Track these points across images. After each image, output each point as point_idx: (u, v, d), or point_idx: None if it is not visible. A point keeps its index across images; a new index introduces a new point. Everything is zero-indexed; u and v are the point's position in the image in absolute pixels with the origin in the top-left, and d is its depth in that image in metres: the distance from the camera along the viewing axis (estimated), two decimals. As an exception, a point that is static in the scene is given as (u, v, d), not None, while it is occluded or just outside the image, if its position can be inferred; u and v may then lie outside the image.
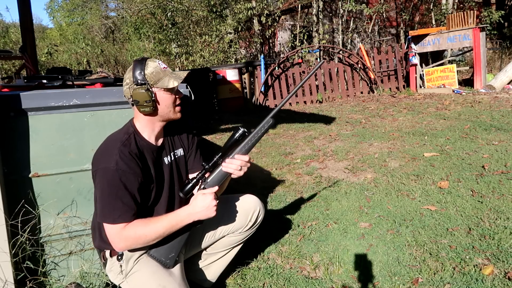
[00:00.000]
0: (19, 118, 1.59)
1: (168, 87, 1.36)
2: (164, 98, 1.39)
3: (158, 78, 1.35)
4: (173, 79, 1.36)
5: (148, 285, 1.36)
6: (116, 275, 1.43)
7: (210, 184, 1.40)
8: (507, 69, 6.80)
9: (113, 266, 1.44)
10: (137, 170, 1.32)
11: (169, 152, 1.51)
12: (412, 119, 5.10)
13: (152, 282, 1.35)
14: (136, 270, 1.39)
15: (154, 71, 1.36)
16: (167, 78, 1.36)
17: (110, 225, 1.30)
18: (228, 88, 7.61)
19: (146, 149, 1.41)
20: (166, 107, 1.40)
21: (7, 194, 1.56)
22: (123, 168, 1.29)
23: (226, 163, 1.38)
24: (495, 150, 3.33)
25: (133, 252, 1.41)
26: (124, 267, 1.41)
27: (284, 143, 4.52)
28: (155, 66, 1.36)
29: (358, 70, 8.08)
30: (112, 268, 1.44)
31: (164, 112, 1.41)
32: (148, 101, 1.34)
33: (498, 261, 1.78)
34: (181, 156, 1.57)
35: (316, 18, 9.88)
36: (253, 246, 2.09)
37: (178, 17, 12.39)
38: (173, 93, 1.40)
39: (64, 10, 24.79)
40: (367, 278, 1.81)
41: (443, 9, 10.07)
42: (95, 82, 1.99)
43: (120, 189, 1.29)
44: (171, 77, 1.37)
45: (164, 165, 1.48)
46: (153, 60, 1.37)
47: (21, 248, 1.56)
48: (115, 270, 1.43)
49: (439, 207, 2.43)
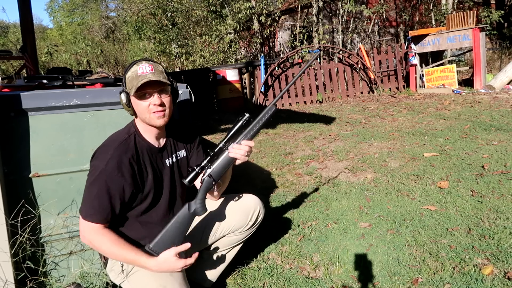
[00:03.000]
0: (19, 118, 1.59)
1: (131, 94, 1.32)
2: (136, 103, 1.36)
3: (132, 84, 1.33)
4: (135, 87, 1.30)
5: (150, 285, 1.36)
6: (117, 275, 1.43)
7: (215, 171, 1.38)
8: (507, 69, 6.80)
9: (114, 265, 1.44)
10: (126, 176, 1.32)
11: (170, 153, 1.51)
12: (412, 119, 5.11)
13: (153, 282, 1.35)
14: (137, 270, 1.39)
15: (131, 76, 1.34)
16: (135, 84, 1.31)
17: (81, 219, 1.33)
18: (228, 88, 7.61)
19: (146, 150, 1.41)
20: (141, 113, 1.37)
21: (7, 194, 1.56)
22: (111, 170, 1.29)
23: (233, 148, 1.38)
24: (494, 150, 3.33)
25: None
26: (125, 267, 1.41)
27: (284, 143, 4.52)
28: (133, 71, 1.34)
29: (358, 70, 8.08)
30: (113, 268, 1.44)
31: (142, 117, 1.38)
32: (125, 106, 1.36)
33: (497, 261, 1.79)
34: (183, 157, 1.57)
35: (316, 18, 9.88)
36: (253, 246, 2.09)
37: (178, 18, 12.40)
38: (144, 99, 1.34)
39: (64, 10, 24.80)
40: (367, 278, 1.81)
41: (442, 9, 10.08)
42: (95, 82, 1.98)
43: (101, 190, 1.30)
44: (138, 83, 1.30)
45: (166, 167, 1.48)
46: (138, 64, 1.34)
47: (21, 248, 1.56)
48: (116, 269, 1.43)
49: (439, 207, 2.43)
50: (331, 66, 8.31)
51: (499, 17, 9.87)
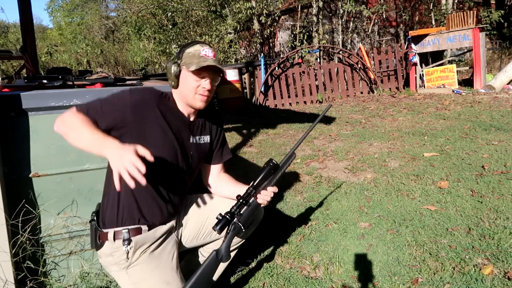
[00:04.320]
0: (19, 118, 1.59)
1: (188, 69, 1.36)
2: (186, 79, 1.39)
3: (192, 60, 1.36)
4: (196, 65, 1.34)
5: (152, 280, 1.33)
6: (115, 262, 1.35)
7: (244, 217, 1.39)
8: (507, 69, 6.80)
9: (116, 251, 1.35)
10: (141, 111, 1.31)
11: (196, 133, 1.50)
12: (412, 119, 5.11)
13: (157, 277, 1.33)
14: (140, 263, 1.36)
15: (192, 53, 1.38)
16: (196, 62, 1.35)
17: (73, 108, 1.28)
18: (228, 88, 7.61)
19: (173, 114, 1.41)
20: (185, 89, 1.40)
21: (7, 194, 1.56)
22: (134, 95, 1.32)
23: (261, 195, 1.42)
24: (494, 150, 3.33)
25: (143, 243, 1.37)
26: (131, 255, 1.35)
27: (284, 143, 4.52)
28: (196, 50, 1.38)
29: (358, 70, 8.08)
30: (113, 253, 1.35)
31: (183, 93, 1.40)
32: (172, 75, 1.38)
33: (497, 261, 1.79)
34: (207, 143, 1.55)
35: (316, 18, 9.88)
36: (253, 246, 2.09)
37: (178, 18, 12.40)
38: (197, 80, 1.38)
39: (64, 10, 24.82)
40: (367, 278, 1.81)
41: (442, 9, 10.08)
42: (95, 82, 1.98)
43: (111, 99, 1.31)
44: (200, 63, 1.34)
45: (187, 141, 1.46)
46: (202, 46, 1.40)
47: (21, 247, 1.56)
48: (117, 256, 1.35)
49: (439, 207, 2.43)
50: (331, 66, 8.31)
51: (499, 17, 9.87)
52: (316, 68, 8.16)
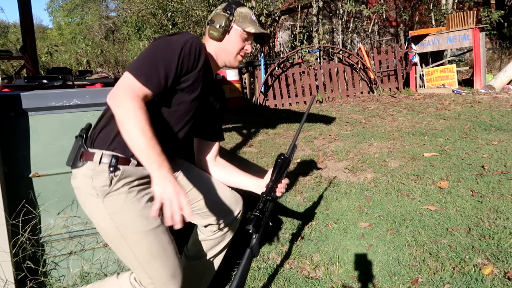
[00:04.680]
0: (19, 118, 1.59)
1: (245, 30, 1.37)
2: (234, 37, 1.39)
3: (244, 20, 1.37)
4: (255, 28, 1.37)
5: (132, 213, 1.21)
6: (93, 186, 1.20)
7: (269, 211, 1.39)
8: (507, 69, 6.80)
9: (98, 175, 1.20)
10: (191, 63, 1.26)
11: (212, 91, 1.47)
12: (412, 119, 5.11)
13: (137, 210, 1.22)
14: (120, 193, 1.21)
15: (244, 13, 1.39)
16: (250, 25, 1.37)
17: (131, 77, 1.16)
18: (228, 88, 7.61)
19: (206, 66, 1.34)
20: (230, 46, 1.39)
21: (7, 194, 1.56)
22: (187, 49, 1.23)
23: (279, 188, 1.43)
24: (494, 150, 3.33)
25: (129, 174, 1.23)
26: (114, 183, 1.20)
27: (284, 143, 4.52)
28: (248, 12, 1.40)
29: (358, 70, 8.09)
30: (94, 176, 1.20)
31: (226, 49, 1.39)
32: (220, 26, 1.36)
33: (497, 261, 1.79)
34: (217, 109, 1.53)
35: (316, 18, 9.88)
36: (253, 246, 2.09)
37: (178, 18, 12.40)
38: (244, 41, 1.40)
39: (64, 10, 24.83)
40: (367, 278, 1.81)
41: (442, 9, 10.09)
42: (95, 82, 1.99)
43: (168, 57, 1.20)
44: (259, 29, 1.38)
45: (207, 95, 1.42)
46: (249, 11, 1.41)
47: (21, 247, 1.56)
48: (98, 181, 1.20)
49: (439, 207, 2.43)
50: (331, 66, 8.31)
51: (499, 17, 9.87)
52: (316, 68, 8.16)
